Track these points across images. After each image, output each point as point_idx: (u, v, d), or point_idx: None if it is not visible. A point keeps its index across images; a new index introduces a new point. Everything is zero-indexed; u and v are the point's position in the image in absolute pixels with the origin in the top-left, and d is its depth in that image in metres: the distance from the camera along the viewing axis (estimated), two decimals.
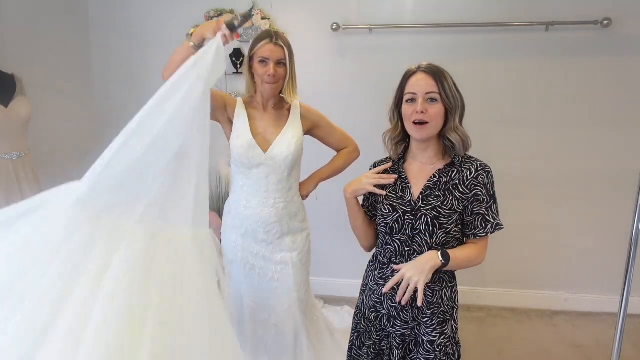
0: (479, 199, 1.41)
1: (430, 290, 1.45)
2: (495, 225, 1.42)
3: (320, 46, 3.07)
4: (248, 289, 2.03)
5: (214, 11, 3.09)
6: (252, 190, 1.94)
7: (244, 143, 1.89)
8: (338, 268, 3.19)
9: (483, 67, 2.95)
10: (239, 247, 1.99)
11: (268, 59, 1.82)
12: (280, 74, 1.85)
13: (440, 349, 1.45)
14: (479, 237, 1.43)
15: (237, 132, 1.91)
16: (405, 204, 1.44)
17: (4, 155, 2.23)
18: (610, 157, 2.95)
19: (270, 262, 1.99)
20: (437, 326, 1.45)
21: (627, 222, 1.72)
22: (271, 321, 2.04)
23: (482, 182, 1.41)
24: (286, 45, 1.86)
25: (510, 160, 3.01)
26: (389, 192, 1.48)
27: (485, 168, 1.43)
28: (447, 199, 1.41)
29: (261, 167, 1.91)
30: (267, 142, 1.92)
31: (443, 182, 1.43)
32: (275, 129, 1.94)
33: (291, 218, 1.99)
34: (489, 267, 3.19)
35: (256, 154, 1.89)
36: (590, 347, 2.76)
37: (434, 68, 1.41)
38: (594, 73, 2.88)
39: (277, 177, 1.92)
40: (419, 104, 1.38)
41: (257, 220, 1.95)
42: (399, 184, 1.48)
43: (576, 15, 2.78)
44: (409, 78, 1.43)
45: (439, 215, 1.39)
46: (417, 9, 2.95)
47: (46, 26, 2.91)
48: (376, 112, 2.95)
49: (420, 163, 1.48)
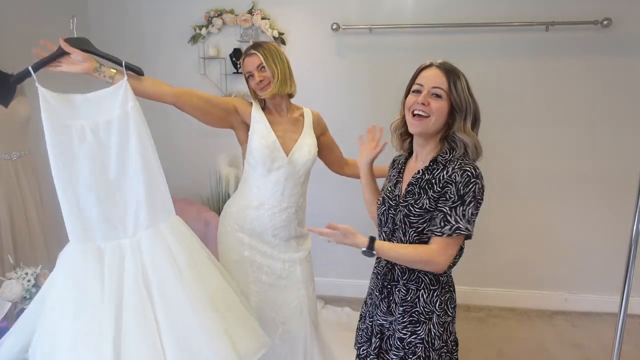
0: (446, 197, 1.33)
1: (405, 287, 1.43)
2: (455, 229, 1.31)
3: (320, 46, 3.07)
4: (255, 288, 2.01)
5: (214, 11, 3.09)
6: (267, 192, 1.94)
7: (270, 144, 1.90)
8: (339, 268, 3.20)
9: (483, 67, 2.94)
10: (245, 245, 1.98)
11: (251, 71, 1.89)
12: (266, 77, 1.88)
13: (410, 347, 1.41)
14: (436, 236, 1.34)
15: (260, 133, 1.91)
16: (392, 197, 1.46)
17: (4, 155, 2.23)
18: (610, 157, 2.95)
19: (278, 260, 2.01)
20: (408, 324, 1.42)
21: (627, 222, 1.72)
22: (278, 319, 2.03)
23: (454, 180, 1.32)
24: (260, 50, 1.86)
25: (510, 160, 3.01)
26: (388, 186, 1.51)
27: (463, 167, 1.32)
28: (420, 197, 1.38)
29: (281, 170, 1.92)
30: (288, 146, 1.94)
31: (425, 179, 1.39)
32: (293, 133, 1.97)
33: (299, 223, 2.03)
34: (489, 267, 3.20)
35: (279, 157, 1.91)
36: (590, 347, 2.76)
37: (448, 65, 1.39)
38: (594, 73, 2.88)
39: (294, 182, 1.95)
40: (422, 95, 1.36)
41: (267, 223, 1.96)
42: (394, 178, 1.50)
43: (576, 15, 2.78)
44: (422, 70, 1.41)
45: (409, 213, 1.38)
46: (417, 9, 2.95)
47: (46, 26, 2.91)
48: (376, 111, 2.96)
49: (417, 160, 1.47)
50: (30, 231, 2.31)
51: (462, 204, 1.31)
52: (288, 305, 2.03)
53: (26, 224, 2.29)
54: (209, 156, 3.23)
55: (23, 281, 1.99)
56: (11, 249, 2.21)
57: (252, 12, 3.05)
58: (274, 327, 2.04)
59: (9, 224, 2.22)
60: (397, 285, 1.45)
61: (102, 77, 1.65)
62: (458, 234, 1.31)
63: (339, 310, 3.07)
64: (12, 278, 1.98)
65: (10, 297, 1.95)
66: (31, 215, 2.32)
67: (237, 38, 3.14)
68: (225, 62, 3.18)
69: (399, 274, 1.45)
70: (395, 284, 1.46)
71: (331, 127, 2.13)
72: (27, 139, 2.37)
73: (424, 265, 1.36)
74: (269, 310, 2.02)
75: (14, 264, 2.06)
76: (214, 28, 3.12)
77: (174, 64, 3.20)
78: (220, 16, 3.08)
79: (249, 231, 1.97)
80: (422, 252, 1.35)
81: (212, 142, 3.17)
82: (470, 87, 1.40)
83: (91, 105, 1.55)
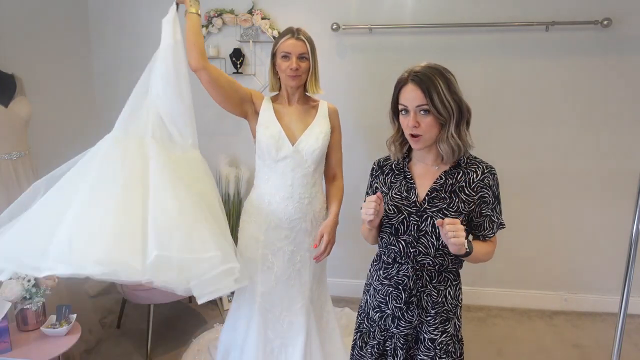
0: (486, 201, 1.43)
1: (435, 290, 1.45)
2: (499, 225, 1.47)
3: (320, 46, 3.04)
4: (262, 288, 2.02)
5: (214, 11, 3.09)
6: (277, 183, 1.95)
7: (275, 133, 1.91)
8: (339, 268, 3.19)
9: (483, 67, 2.95)
10: (260, 243, 1.98)
11: (290, 54, 1.87)
12: (303, 67, 1.89)
13: (441, 347, 1.46)
14: (488, 238, 1.47)
15: (265, 123, 1.93)
16: (410, 204, 1.43)
17: (4, 155, 2.23)
18: (610, 157, 2.95)
19: (290, 263, 2.00)
20: (439, 324, 1.46)
21: (627, 222, 1.72)
22: (284, 318, 2.05)
23: (488, 184, 1.42)
24: (308, 40, 1.91)
25: (510, 160, 3.01)
26: (394, 193, 1.47)
27: (491, 170, 1.44)
28: (452, 201, 1.40)
29: (288, 160, 1.92)
30: (294, 136, 1.94)
31: (449, 184, 1.42)
32: (301, 123, 1.97)
33: (315, 215, 2.00)
34: (489, 267, 3.19)
35: (284, 145, 1.91)
36: (590, 347, 2.77)
37: (424, 77, 1.34)
38: (594, 73, 2.88)
39: (303, 172, 1.94)
40: (410, 117, 1.37)
41: (281, 216, 1.95)
42: (404, 184, 1.47)
43: (576, 15, 2.78)
44: (401, 89, 1.40)
45: (445, 217, 1.39)
46: (417, 9, 2.95)
47: (46, 26, 2.91)
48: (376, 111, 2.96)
49: (425, 164, 1.48)
50: None
51: (498, 203, 1.47)
52: (294, 306, 2.04)
53: None
54: (210, 156, 3.18)
55: (23, 281, 2.00)
56: None
57: (252, 12, 3.05)
58: (277, 327, 2.06)
59: None
60: (426, 290, 1.46)
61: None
62: (501, 228, 1.48)
63: (338, 311, 3.07)
64: (12, 278, 1.99)
65: (10, 297, 1.95)
66: None
67: (237, 38, 3.14)
68: (225, 62, 3.18)
69: (427, 279, 1.45)
70: (424, 290, 1.46)
71: None
72: (27, 138, 2.37)
73: (487, 259, 1.49)
74: (275, 309, 2.04)
75: None
76: (214, 28, 3.12)
77: None
78: (220, 16, 3.08)
79: (264, 225, 1.97)
80: (490, 248, 1.48)
81: (212, 142, 3.17)
82: (453, 84, 1.36)
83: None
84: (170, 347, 2.70)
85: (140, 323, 2.88)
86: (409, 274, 1.45)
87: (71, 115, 3.14)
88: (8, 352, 1.88)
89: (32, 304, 2.01)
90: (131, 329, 2.89)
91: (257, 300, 2.02)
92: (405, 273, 1.46)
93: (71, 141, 3.14)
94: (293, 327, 2.05)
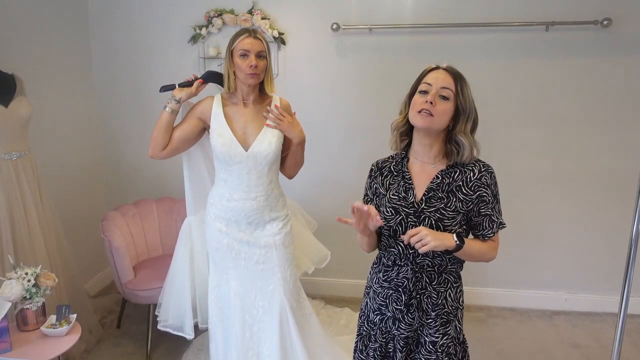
0: (485, 200, 1.42)
1: (435, 292, 1.45)
2: (499, 224, 1.46)
3: (320, 46, 3.07)
4: (235, 273, 2.11)
5: (214, 11, 3.09)
6: (234, 184, 2.02)
7: (226, 141, 1.96)
8: (340, 268, 3.19)
9: (483, 67, 2.95)
10: (224, 233, 2.07)
11: (249, 52, 1.89)
12: (261, 66, 1.91)
13: (443, 349, 1.46)
14: (488, 237, 1.46)
15: (218, 130, 1.98)
16: (408, 205, 1.42)
17: (4, 155, 2.23)
18: (610, 157, 2.95)
19: (254, 246, 2.07)
20: (440, 327, 1.45)
21: (627, 222, 1.72)
22: (258, 302, 2.11)
23: (486, 183, 1.42)
24: (264, 39, 1.94)
25: (510, 160, 3.01)
26: (392, 195, 1.46)
27: (488, 169, 1.44)
28: (450, 200, 1.40)
29: (242, 164, 1.98)
30: (248, 141, 1.98)
31: (446, 183, 1.42)
32: (255, 126, 2.00)
33: (272, 209, 2.08)
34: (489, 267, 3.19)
35: (237, 153, 1.96)
36: (590, 347, 2.77)
37: (455, 70, 1.43)
38: (594, 73, 2.88)
39: (258, 173, 2.01)
40: (430, 94, 1.38)
41: (240, 212, 2.04)
42: (402, 185, 1.46)
43: (576, 15, 2.78)
44: (429, 72, 1.44)
45: (443, 217, 1.39)
46: (417, 9, 2.95)
47: (46, 26, 2.91)
48: (376, 111, 2.96)
49: (422, 162, 1.47)
50: (30, 231, 2.30)
51: (497, 202, 1.46)
52: (266, 289, 2.09)
53: (26, 224, 2.29)
54: None
55: (23, 281, 1.99)
56: (11, 249, 2.21)
57: (252, 12, 3.05)
58: (254, 311, 2.11)
59: (9, 224, 2.21)
60: (426, 292, 1.45)
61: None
62: (502, 227, 1.47)
63: (338, 311, 3.07)
64: (12, 278, 1.99)
65: (10, 297, 1.95)
66: (31, 215, 2.31)
67: None
68: None
69: (427, 281, 1.45)
70: (424, 292, 1.45)
71: (331, 126, 2.13)
72: (27, 138, 2.37)
73: (486, 258, 1.46)
74: (249, 293, 2.10)
75: (14, 264, 2.06)
76: (214, 28, 3.12)
77: (173, 63, 3.20)
78: (220, 16, 3.08)
79: (225, 220, 2.06)
80: (490, 248, 1.46)
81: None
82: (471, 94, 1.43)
83: None
84: (170, 347, 2.70)
85: (140, 323, 2.88)
86: (408, 276, 1.45)
87: (71, 115, 3.14)
88: (8, 352, 1.88)
89: (32, 304, 2.01)
90: (131, 329, 2.89)
91: (231, 285, 2.10)
92: (405, 275, 1.45)
93: (71, 141, 3.15)
94: (268, 312, 2.10)
